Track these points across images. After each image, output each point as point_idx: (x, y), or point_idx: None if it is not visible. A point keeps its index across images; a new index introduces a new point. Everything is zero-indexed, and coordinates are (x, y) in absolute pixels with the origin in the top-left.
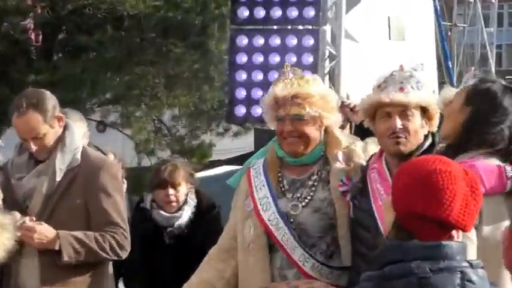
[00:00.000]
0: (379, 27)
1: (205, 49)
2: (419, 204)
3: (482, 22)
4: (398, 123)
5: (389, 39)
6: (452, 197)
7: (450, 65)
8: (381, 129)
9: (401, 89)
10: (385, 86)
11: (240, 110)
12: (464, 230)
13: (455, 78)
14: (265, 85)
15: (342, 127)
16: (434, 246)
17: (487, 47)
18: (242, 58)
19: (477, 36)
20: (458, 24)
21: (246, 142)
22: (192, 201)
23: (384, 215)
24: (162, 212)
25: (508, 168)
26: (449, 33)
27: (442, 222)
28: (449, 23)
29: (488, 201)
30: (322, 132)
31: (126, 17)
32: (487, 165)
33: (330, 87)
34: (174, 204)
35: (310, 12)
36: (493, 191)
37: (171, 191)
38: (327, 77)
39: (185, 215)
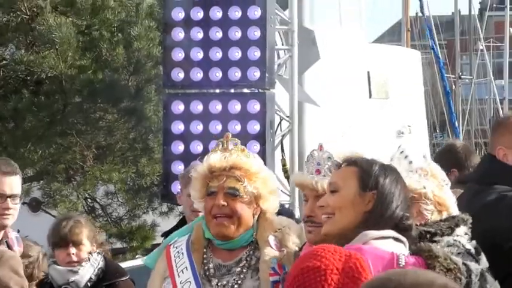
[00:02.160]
0: (356, 85)
1: (141, 115)
2: None
3: (491, 73)
4: (309, 209)
5: (370, 97)
6: None
7: (456, 123)
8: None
9: (318, 172)
10: (306, 166)
11: (177, 187)
12: None
13: (461, 138)
14: None
15: None
16: None
17: (498, 102)
18: (178, 127)
19: (487, 90)
20: (463, 77)
21: None
22: (96, 261)
23: None
24: (56, 265)
25: (402, 256)
26: (453, 87)
27: None
28: (452, 75)
29: None
30: (256, 217)
31: (46, 79)
32: (377, 251)
33: (283, 159)
34: (76, 264)
35: (254, 72)
36: None
37: (72, 249)
38: (278, 148)
39: (85, 273)
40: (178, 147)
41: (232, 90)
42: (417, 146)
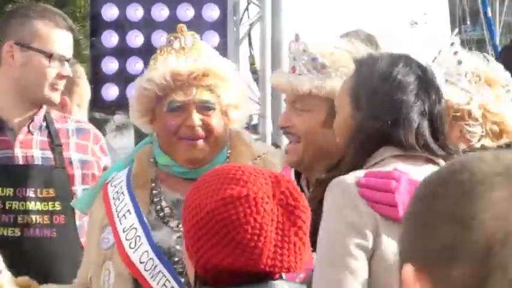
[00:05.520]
0: None
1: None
2: (214, 255)
3: None
4: (283, 116)
5: None
6: (258, 234)
7: (490, 14)
8: None
9: (293, 69)
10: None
11: (109, 91)
12: (289, 271)
13: (497, 34)
14: (148, 53)
15: None
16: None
17: None
18: (110, 12)
19: None
20: None
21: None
22: None
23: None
24: None
25: None
26: None
27: (253, 273)
28: None
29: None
30: (227, 131)
31: None
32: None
33: (251, 55)
34: None
35: None
36: None
37: None
38: (245, 42)
39: None
40: (111, 38)
41: None
42: (435, 40)
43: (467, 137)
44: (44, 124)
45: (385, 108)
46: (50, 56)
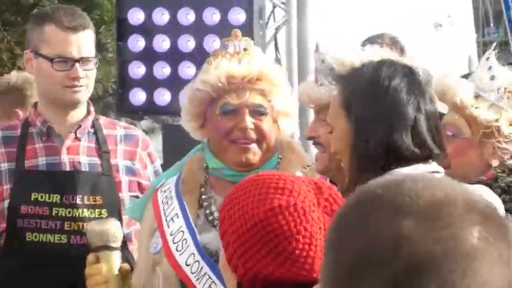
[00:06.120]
0: None
1: (90, 2)
2: (265, 266)
3: None
4: (310, 127)
5: None
6: (309, 243)
7: None
8: None
9: (316, 80)
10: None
11: (137, 96)
12: None
13: None
14: (175, 57)
15: None
16: None
17: None
18: (137, 16)
19: None
20: None
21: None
22: None
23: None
24: None
25: None
26: None
27: (305, 283)
28: None
29: None
30: (279, 140)
31: None
32: None
33: (278, 59)
34: None
35: None
36: None
37: None
38: (271, 45)
39: None
40: (137, 43)
41: None
42: (460, 43)
43: (499, 153)
44: (92, 130)
45: (379, 111)
46: (51, 61)
